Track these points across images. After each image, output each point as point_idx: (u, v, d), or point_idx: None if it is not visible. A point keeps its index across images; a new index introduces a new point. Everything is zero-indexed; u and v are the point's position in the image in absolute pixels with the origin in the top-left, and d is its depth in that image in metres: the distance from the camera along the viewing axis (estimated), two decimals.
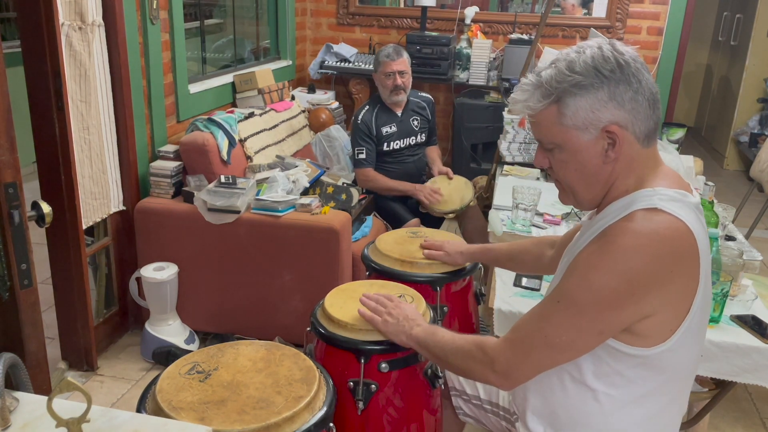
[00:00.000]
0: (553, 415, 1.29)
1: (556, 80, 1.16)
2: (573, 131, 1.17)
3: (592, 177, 1.20)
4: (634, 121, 1.15)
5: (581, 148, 1.18)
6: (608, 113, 1.14)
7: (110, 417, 1.09)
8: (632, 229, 1.10)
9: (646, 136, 1.17)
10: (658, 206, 1.11)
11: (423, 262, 1.98)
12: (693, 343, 1.18)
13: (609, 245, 1.11)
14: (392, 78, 3.22)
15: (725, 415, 2.50)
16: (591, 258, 1.13)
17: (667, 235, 1.09)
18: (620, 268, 1.09)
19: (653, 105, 1.16)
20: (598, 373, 1.20)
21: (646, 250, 1.08)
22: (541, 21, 3.36)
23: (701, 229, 1.14)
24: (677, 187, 1.16)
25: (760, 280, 2.45)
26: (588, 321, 1.12)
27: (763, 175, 3.74)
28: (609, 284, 1.09)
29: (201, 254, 2.74)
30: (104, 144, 2.59)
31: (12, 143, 1.49)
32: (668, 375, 1.18)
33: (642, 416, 1.22)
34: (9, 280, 1.50)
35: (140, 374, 2.66)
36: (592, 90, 1.13)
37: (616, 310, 1.11)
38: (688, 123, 6.83)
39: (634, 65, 1.15)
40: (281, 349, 1.54)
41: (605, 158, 1.17)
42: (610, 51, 1.15)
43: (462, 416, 1.69)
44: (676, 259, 1.09)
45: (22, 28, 2.30)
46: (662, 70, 4.28)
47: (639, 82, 1.14)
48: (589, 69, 1.14)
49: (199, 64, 3.59)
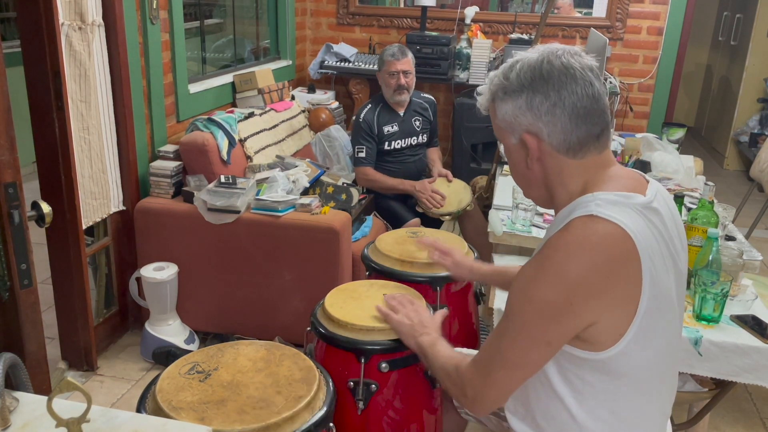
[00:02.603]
0: (535, 423, 1.31)
1: (494, 82, 1.23)
2: (505, 132, 1.23)
3: (524, 179, 1.26)
4: (551, 132, 1.16)
5: (511, 150, 1.25)
6: (526, 121, 1.18)
7: (110, 417, 1.09)
8: (566, 242, 1.12)
9: (567, 149, 1.17)
10: (594, 213, 1.11)
11: (423, 262, 1.97)
12: (649, 346, 1.17)
13: (545, 260, 1.13)
14: (396, 77, 3.22)
15: (725, 415, 2.50)
16: (530, 272, 1.15)
17: (600, 242, 1.10)
18: (556, 280, 1.10)
19: (577, 119, 1.15)
20: (563, 379, 1.22)
21: (580, 261, 1.09)
22: (541, 21, 3.36)
23: (646, 231, 1.13)
24: (622, 188, 1.16)
25: (760, 280, 2.45)
26: (534, 334, 1.14)
27: (763, 175, 3.74)
28: (547, 297, 1.11)
29: (201, 254, 2.74)
30: (104, 144, 2.59)
31: (12, 143, 1.49)
32: (627, 379, 1.19)
33: (614, 419, 1.23)
34: (9, 280, 1.50)
35: (140, 374, 2.66)
36: (514, 96, 1.18)
37: (558, 322, 1.12)
38: (688, 123, 6.83)
39: (559, 78, 1.14)
40: (281, 349, 1.54)
41: (527, 163, 1.22)
42: (541, 62, 1.16)
43: (464, 414, 1.69)
44: (611, 265, 1.10)
45: (22, 28, 2.29)
46: (662, 70, 4.28)
47: (558, 96, 1.14)
48: (517, 76, 1.18)
49: (199, 64, 3.59)
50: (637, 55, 4.31)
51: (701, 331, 1.78)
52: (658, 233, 1.16)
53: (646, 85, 4.35)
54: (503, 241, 2.34)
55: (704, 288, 1.80)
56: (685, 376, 1.96)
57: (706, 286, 1.79)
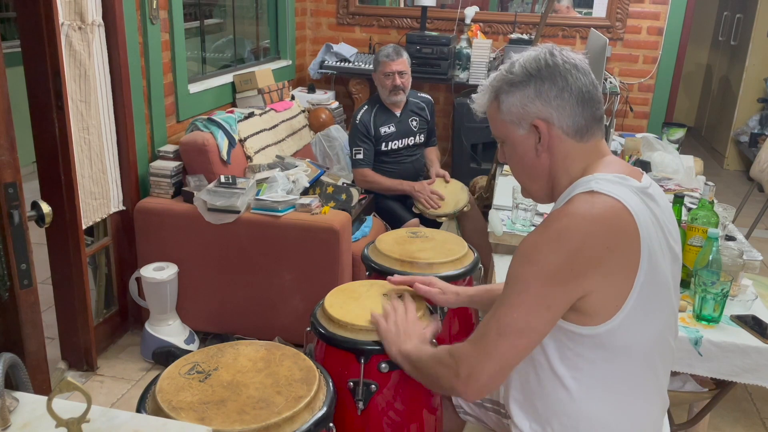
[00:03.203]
0: (533, 408, 1.32)
1: (497, 79, 1.29)
2: (510, 126, 1.28)
3: (532, 169, 1.30)
4: (560, 117, 1.23)
5: (518, 142, 1.28)
6: (535, 108, 1.23)
7: (110, 417, 1.09)
8: (568, 211, 1.17)
9: (575, 131, 1.24)
10: (594, 188, 1.17)
11: (423, 262, 1.97)
12: (646, 321, 1.20)
13: (548, 228, 1.18)
14: (391, 78, 3.22)
15: (725, 415, 2.50)
16: (533, 239, 1.20)
17: (601, 213, 1.15)
18: (559, 246, 1.15)
19: (583, 103, 1.23)
20: (562, 358, 1.24)
21: (582, 228, 1.14)
22: (541, 21, 3.36)
23: (644, 209, 1.18)
24: (619, 172, 1.23)
25: (760, 280, 2.45)
26: (534, 296, 1.16)
27: (763, 175, 3.74)
28: (550, 259, 1.15)
29: (201, 254, 2.74)
30: (104, 144, 2.59)
31: (12, 143, 1.49)
32: (624, 355, 1.21)
33: (610, 402, 1.25)
34: (9, 280, 1.50)
35: (140, 374, 2.66)
36: (521, 87, 1.24)
37: (560, 285, 1.15)
38: (688, 123, 6.83)
39: (564, 67, 1.23)
40: (281, 349, 1.54)
41: (537, 151, 1.26)
42: (544, 54, 1.25)
43: (462, 415, 1.69)
44: (611, 236, 1.14)
45: (22, 28, 2.29)
46: (662, 70, 4.28)
47: (566, 81, 1.22)
48: (521, 69, 1.25)
49: (199, 64, 3.59)
50: (637, 55, 4.31)
51: (701, 331, 1.78)
52: (654, 216, 1.21)
53: (646, 85, 4.35)
54: (503, 241, 2.34)
55: (704, 288, 1.80)
56: (685, 376, 1.96)
57: (706, 286, 1.79)
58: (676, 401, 1.37)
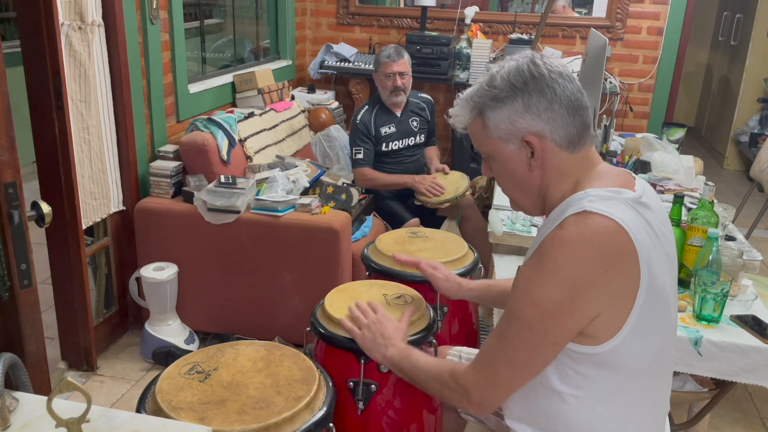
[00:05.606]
0: (533, 419, 1.31)
1: (478, 95, 1.23)
2: (498, 142, 1.23)
3: (524, 185, 1.26)
4: (552, 129, 1.19)
5: (508, 158, 1.24)
6: (525, 123, 1.19)
7: (110, 417, 1.09)
8: (562, 238, 1.13)
9: (568, 143, 1.20)
10: (587, 208, 1.13)
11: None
12: (647, 337, 1.18)
13: (543, 259, 1.14)
14: (392, 79, 3.22)
15: (725, 415, 2.50)
16: (529, 273, 1.16)
17: (596, 236, 1.11)
18: (557, 278, 1.11)
19: (573, 112, 1.19)
20: (561, 376, 1.22)
21: (578, 256, 1.11)
22: (541, 21, 3.36)
23: (640, 224, 1.15)
24: (612, 185, 1.19)
25: (760, 280, 2.45)
26: (538, 335, 1.15)
27: (763, 175, 3.74)
28: (549, 296, 1.12)
29: (201, 254, 2.74)
30: (104, 144, 2.59)
31: (12, 143, 1.49)
32: (626, 371, 1.20)
33: (613, 415, 1.24)
34: (9, 280, 1.50)
35: (140, 374, 2.66)
36: (508, 102, 1.19)
37: (562, 320, 1.13)
38: (688, 123, 6.83)
39: (549, 76, 1.18)
40: (281, 349, 1.54)
41: (530, 167, 1.22)
42: (526, 64, 1.20)
43: (462, 415, 1.69)
44: (608, 259, 1.11)
45: (21, 28, 2.29)
46: (662, 70, 4.28)
47: (554, 92, 1.17)
48: (505, 82, 1.20)
49: (198, 64, 3.59)
50: (637, 55, 4.31)
51: (701, 331, 1.78)
52: (650, 226, 1.18)
53: (646, 85, 4.35)
54: (503, 241, 2.34)
55: (704, 288, 1.80)
56: (685, 376, 1.96)
57: (706, 286, 1.80)
58: (676, 401, 1.36)
